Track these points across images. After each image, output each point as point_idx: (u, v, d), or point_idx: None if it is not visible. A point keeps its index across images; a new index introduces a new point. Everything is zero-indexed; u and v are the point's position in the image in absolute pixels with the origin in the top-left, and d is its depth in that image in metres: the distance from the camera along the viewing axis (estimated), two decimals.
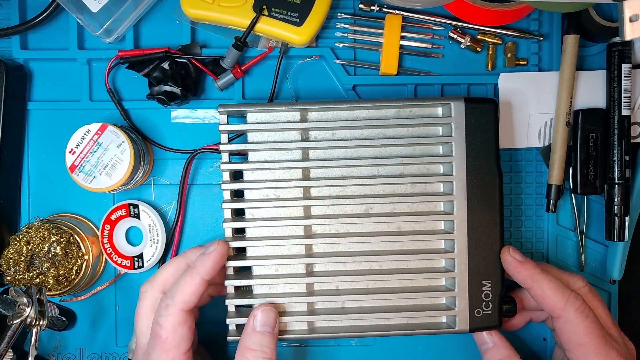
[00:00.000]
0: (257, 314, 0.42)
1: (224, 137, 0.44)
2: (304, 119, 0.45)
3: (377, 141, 0.44)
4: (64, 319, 0.49)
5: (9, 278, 0.46)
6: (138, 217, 0.49)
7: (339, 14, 0.50)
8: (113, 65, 0.49)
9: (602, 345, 0.40)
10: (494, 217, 0.44)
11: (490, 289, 0.44)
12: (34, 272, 0.46)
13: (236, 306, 0.44)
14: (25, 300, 0.43)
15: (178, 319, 0.40)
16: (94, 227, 0.51)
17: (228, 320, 0.43)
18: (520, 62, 0.51)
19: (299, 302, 0.44)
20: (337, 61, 0.50)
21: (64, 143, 0.46)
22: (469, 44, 0.50)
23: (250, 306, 0.44)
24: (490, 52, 0.51)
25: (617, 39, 0.49)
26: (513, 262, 0.43)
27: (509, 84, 0.50)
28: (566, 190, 0.51)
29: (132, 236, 0.51)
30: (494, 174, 0.44)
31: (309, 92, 0.51)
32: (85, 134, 0.46)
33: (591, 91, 0.50)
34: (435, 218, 0.45)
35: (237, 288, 0.44)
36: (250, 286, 0.44)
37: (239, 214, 0.45)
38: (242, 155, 0.47)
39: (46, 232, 0.47)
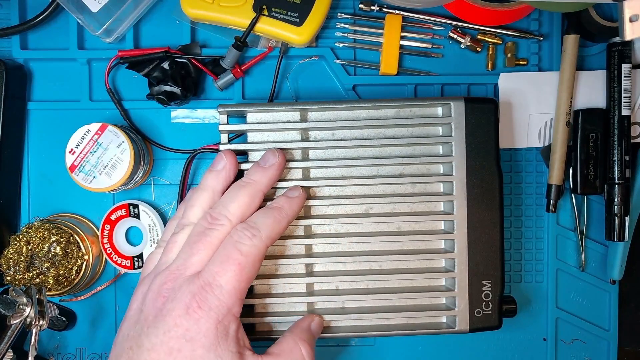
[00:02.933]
0: (316, 320, 0.43)
1: (224, 137, 0.44)
2: (304, 119, 0.45)
3: (377, 141, 0.44)
4: (64, 319, 0.49)
5: (8, 278, 0.46)
6: (138, 217, 0.49)
7: (339, 14, 0.50)
8: (113, 65, 0.49)
9: None
10: (494, 217, 0.44)
11: (490, 289, 0.44)
12: (34, 272, 0.46)
13: None
14: (25, 300, 0.43)
15: (261, 252, 0.39)
16: (94, 227, 0.51)
17: None
18: (520, 62, 0.51)
19: (299, 302, 0.44)
20: (337, 61, 0.50)
21: (64, 143, 0.46)
22: (469, 44, 0.50)
23: (250, 306, 0.44)
24: (490, 52, 0.51)
25: (617, 39, 0.49)
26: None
27: (509, 84, 0.50)
28: (566, 190, 0.51)
29: (132, 236, 0.51)
30: (494, 174, 0.44)
31: (309, 92, 0.51)
32: (85, 134, 0.46)
33: (591, 91, 0.50)
34: (435, 218, 0.45)
35: None
36: (251, 286, 0.44)
37: None
38: (242, 156, 0.47)
39: (46, 232, 0.47)
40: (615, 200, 0.48)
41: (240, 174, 0.45)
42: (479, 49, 0.50)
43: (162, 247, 0.41)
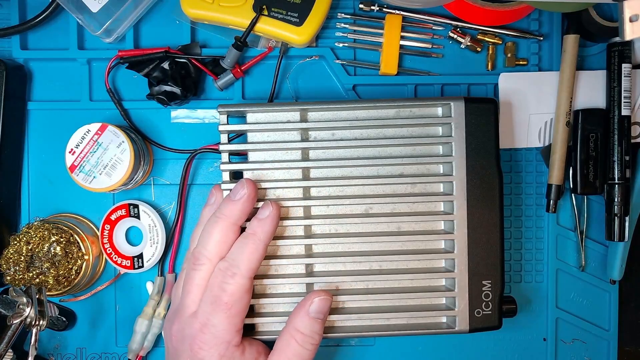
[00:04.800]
0: (315, 301, 0.42)
1: (223, 137, 0.44)
2: (303, 119, 0.45)
3: (377, 141, 0.44)
4: (64, 319, 0.49)
5: (9, 278, 0.46)
6: (138, 217, 0.49)
7: (339, 14, 0.50)
8: (113, 65, 0.49)
9: None
10: (494, 217, 0.44)
11: (490, 289, 0.44)
12: (34, 272, 0.46)
13: None
14: (25, 300, 0.43)
15: (245, 287, 0.40)
16: (94, 227, 0.51)
17: None
18: (520, 62, 0.51)
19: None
20: (337, 61, 0.50)
21: (64, 143, 0.46)
22: (469, 44, 0.50)
23: (251, 306, 0.44)
24: (490, 52, 0.51)
25: (617, 39, 0.49)
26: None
27: (509, 84, 0.50)
28: (566, 190, 0.51)
29: (132, 236, 0.51)
30: (494, 174, 0.44)
31: (309, 92, 0.51)
32: (85, 134, 0.46)
33: (591, 91, 0.50)
34: (435, 218, 0.45)
35: None
36: None
37: None
38: (242, 155, 0.47)
39: (46, 232, 0.47)
40: (615, 200, 0.48)
41: (240, 175, 0.45)
42: (479, 49, 0.50)
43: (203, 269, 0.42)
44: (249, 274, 0.40)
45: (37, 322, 0.43)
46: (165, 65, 0.48)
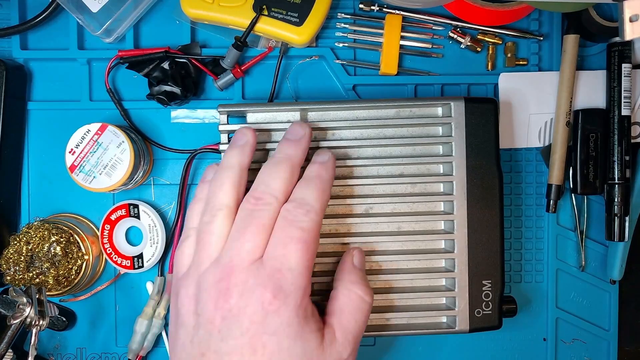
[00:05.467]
0: (355, 253, 0.41)
1: (224, 137, 0.44)
2: (304, 119, 0.45)
3: (377, 141, 0.44)
4: (64, 319, 0.49)
5: (8, 278, 0.46)
6: (138, 217, 0.49)
7: (339, 14, 0.50)
8: (113, 65, 0.49)
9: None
10: (494, 217, 0.44)
11: (490, 289, 0.44)
12: (34, 272, 0.46)
13: None
14: (25, 300, 0.43)
15: (319, 226, 0.37)
16: (93, 227, 0.51)
17: None
18: (520, 62, 0.51)
19: None
20: (337, 61, 0.50)
21: (64, 143, 0.46)
22: (469, 44, 0.50)
23: None
24: (490, 52, 0.51)
25: (617, 39, 0.49)
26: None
27: (509, 84, 0.50)
28: (566, 190, 0.51)
29: (132, 236, 0.51)
30: (494, 174, 0.44)
31: (309, 92, 0.51)
32: (85, 134, 0.46)
33: (591, 91, 0.50)
34: (435, 218, 0.45)
35: None
36: None
37: None
38: None
39: (46, 232, 0.47)
40: (615, 200, 0.48)
41: None
42: (479, 49, 0.50)
43: (192, 238, 0.38)
44: (321, 213, 0.37)
45: (37, 322, 0.43)
46: (165, 65, 0.48)
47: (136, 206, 0.49)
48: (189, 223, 0.40)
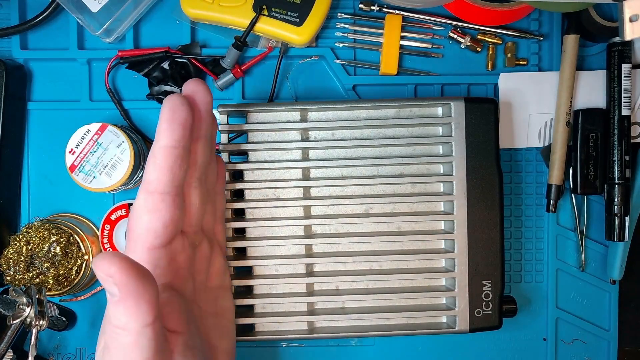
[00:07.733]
0: None
1: (224, 137, 0.44)
2: (304, 119, 0.45)
3: (377, 141, 0.44)
4: (64, 319, 0.49)
5: (8, 278, 0.46)
6: None
7: (339, 14, 0.50)
8: (113, 65, 0.49)
9: None
10: (494, 217, 0.44)
11: (490, 289, 0.44)
12: (34, 272, 0.46)
13: (236, 305, 0.44)
14: (25, 300, 0.43)
15: None
16: (93, 227, 0.51)
17: None
18: (520, 62, 0.51)
19: (299, 302, 0.44)
20: (337, 61, 0.50)
21: (64, 143, 0.46)
22: (469, 44, 0.50)
23: (250, 306, 0.45)
24: (490, 52, 0.51)
25: (617, 39, 0.49)
26: None
27: (509, 84, 0.50)
28: (566, 190, 0.51)
29: None
30: (494, 174, 0.44)
31: (309, 92, 0.51)
32: (85, 134, 0.46)
33: (591, 91, 0.50)
34: (435, 218, 0.45)
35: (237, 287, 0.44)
36: (251, 286, 0.44)
37: (239, 213, 0.45)
38: (242, 155, 0.47)
39: (46, 232, 0.47)
40: (615, 200, 0.48)
41: (240, 175, 0.45)
42: (479, 49, 0.50)
43: None
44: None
45: (37, 322, 0.43)
46: (165, 65, 0.48)
47: None
48: None
